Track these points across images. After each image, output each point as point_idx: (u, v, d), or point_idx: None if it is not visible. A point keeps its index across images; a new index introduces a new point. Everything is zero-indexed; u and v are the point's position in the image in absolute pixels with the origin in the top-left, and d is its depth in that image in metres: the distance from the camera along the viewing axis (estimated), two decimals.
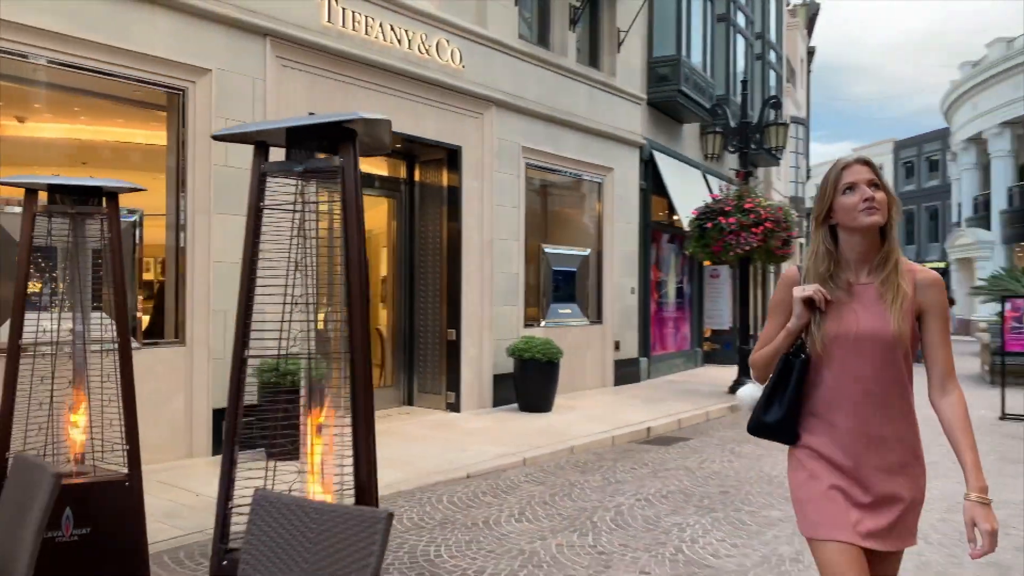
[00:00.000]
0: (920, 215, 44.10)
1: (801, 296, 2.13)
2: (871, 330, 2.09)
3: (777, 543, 4.93)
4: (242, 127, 2.82)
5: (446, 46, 9.53)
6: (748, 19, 18.18)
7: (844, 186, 2.14)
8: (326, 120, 2.63)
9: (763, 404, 2.22)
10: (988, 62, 31.91)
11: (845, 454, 2.13)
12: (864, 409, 2.11)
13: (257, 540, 2.09)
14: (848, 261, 2.17)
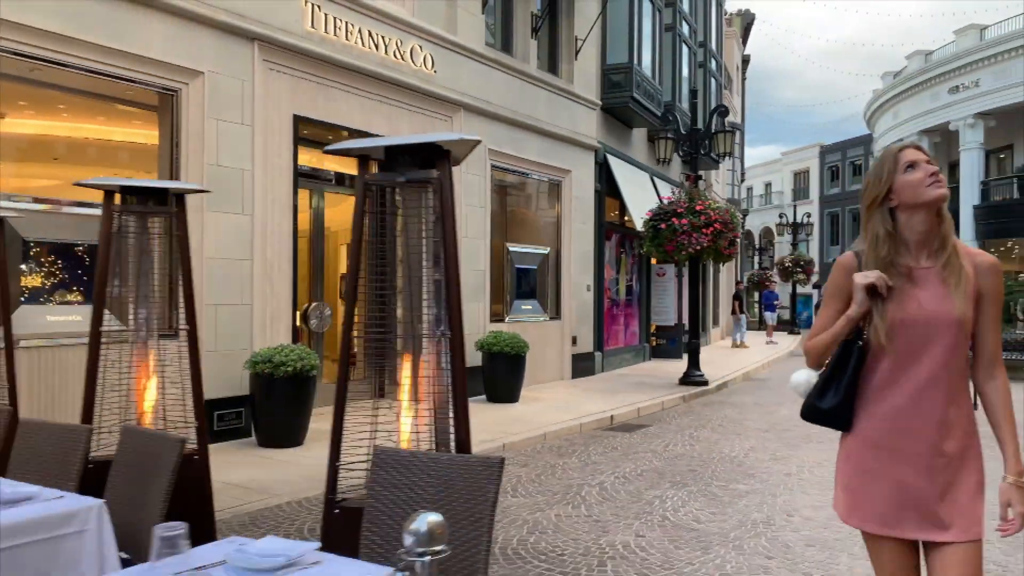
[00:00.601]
0: (844, 217, 46.27)
1: (864, 283, 2.09)
2: (936, 314, 2.05)
3: (748, 511, 5.54)
4: (350, 143, 3.23)
5: (419, 52, 9.92)
6: (692, 29, 19.05)
7: (905, 164, 2.12)
8: (424, 140, 3.06)
9: (819, 390, 2.19)
10: (907, 73, 33.86)
11: (905, 441, 2.08)
12: (929, 395, 2.05)
13: (380, 488, 2.52)
14: (907, 245, 2.13)
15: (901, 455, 2.08)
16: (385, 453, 2.58)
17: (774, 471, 6.88)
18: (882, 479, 2.10)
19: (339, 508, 3.03)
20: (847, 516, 2.18)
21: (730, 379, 13.96)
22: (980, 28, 30.40)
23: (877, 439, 2.12)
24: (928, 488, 2.06)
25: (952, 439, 2.07)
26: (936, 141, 32.69)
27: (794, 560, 4.46)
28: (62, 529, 2.45)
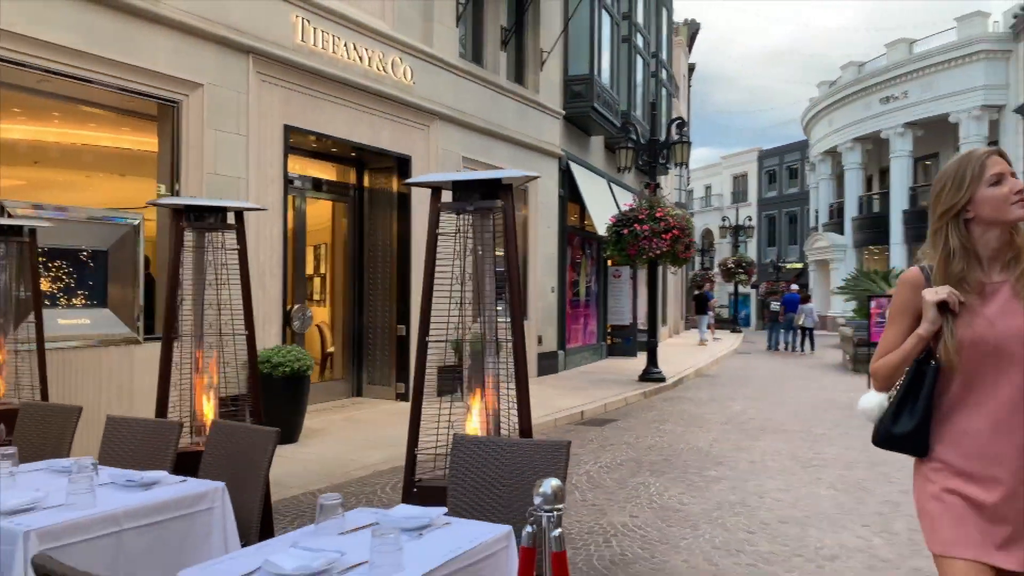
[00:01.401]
0: (781, 219, 48.07)
1: (934, 300, 1.97)
2: (1011, 330, 1.94)
3: (723, 494, 6.17)
4: (425, 177, 3.70)
5: (399, 64, 10.34)
6: (645, 40, 19.82)
7: (992, 177, 1.98)
8: (488, 176, 3.56)
9: (892, 414, 2.08)
10: (842, 83, 35.52)
11: (985, 466, 1.97)
12: (1009, 419, 1.95)
13: (458, 471, 3.01)
14: (980, 259, 2.02)
15: (981, 480, 1.97)
16: (464, 439, 3.08)
17: (739, 459, 7.55)
18: (964, 505, 1.98)
19: (417, 488, 3.51)
20: (931, 544, 2.03)
21: (685, 375, 14.73)
22: (910, 42, 32.14)
23: (955, 464, 2.01)
24: (1015, 515, 1.94)
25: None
26: (868, 148, 34.42)
27: (772, 534, 5.10)
28: (196, 507, 2.87)
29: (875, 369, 2.16)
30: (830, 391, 13.27)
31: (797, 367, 18.35)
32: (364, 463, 7.07)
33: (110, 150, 7.86)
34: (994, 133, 28.50)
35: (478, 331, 3.94)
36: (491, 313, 3.89)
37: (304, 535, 2.30)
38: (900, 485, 6.39)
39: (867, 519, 5.46)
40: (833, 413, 10.67)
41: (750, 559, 4.60)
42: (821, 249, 37.47)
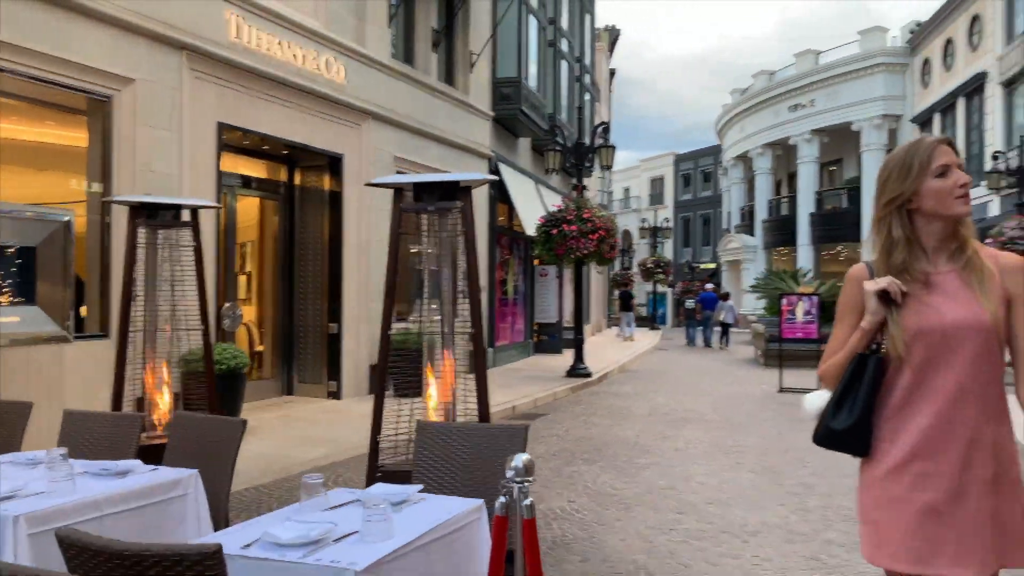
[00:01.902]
0: (696, 221, 49.70)
1: (874, 289, 1.91)
2: (961, 320, 1.86)
3: (653, 480, 6.55)
4: (388, 178, 3.86)
5: (333, 63, 10.39)
6: (570, 44, 20.30)
7: (938, 168, 1.92)
8: (449, 179, 3.75)
9: (832, 409, 1.98)
10: (753, 91, 37.07)
11: (933, 464, 1.86)
12: (957, 411, 1.85)
13: (423, 455, 3.22)
14: (924, 249, 1.97)
15: (929, 480, 1.86)
16: (428, 425, 3.29)
17: (665, 448, 7.98)
18: (910, 508, 1.86)
19: (381, 473, 3.69)
20: (873, 555, 1.91)
21: (609, 371, 15.22)
22: (816, 53, 33.82)
23: (901, 463, 1.89)
24: (963, 517, 1.83)
25: (988, 459, 1.85)
26: (778, 154, 36.02)
27: (699, 514, 5.48)
28: (171, 493, 2.99)
29: (823, 371, 2.07)
30: (744, 384, 13.98)
31: (713, 362, 19.15)
32: (304, 459, 7.15)
33: (33, 144, 7.67)
34: (893, 141, 30.29)
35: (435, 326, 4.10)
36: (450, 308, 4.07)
37: (293, 512, 2.47)
38: (812, 468, 6.91)
39: (783, 499, 5.92)
40: (748, 404, 11.29)
41: (681, 536, 4.96)
42: (733, 250, 38.98)
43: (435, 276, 4.22)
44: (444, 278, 4.19)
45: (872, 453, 1.96)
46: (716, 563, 4.45)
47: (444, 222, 4.01)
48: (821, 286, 19.22)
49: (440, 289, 4.23)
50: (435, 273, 4.23)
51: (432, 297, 4.24)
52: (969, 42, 24.86)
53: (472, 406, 4.21)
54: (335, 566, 1.97)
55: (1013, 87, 22.15)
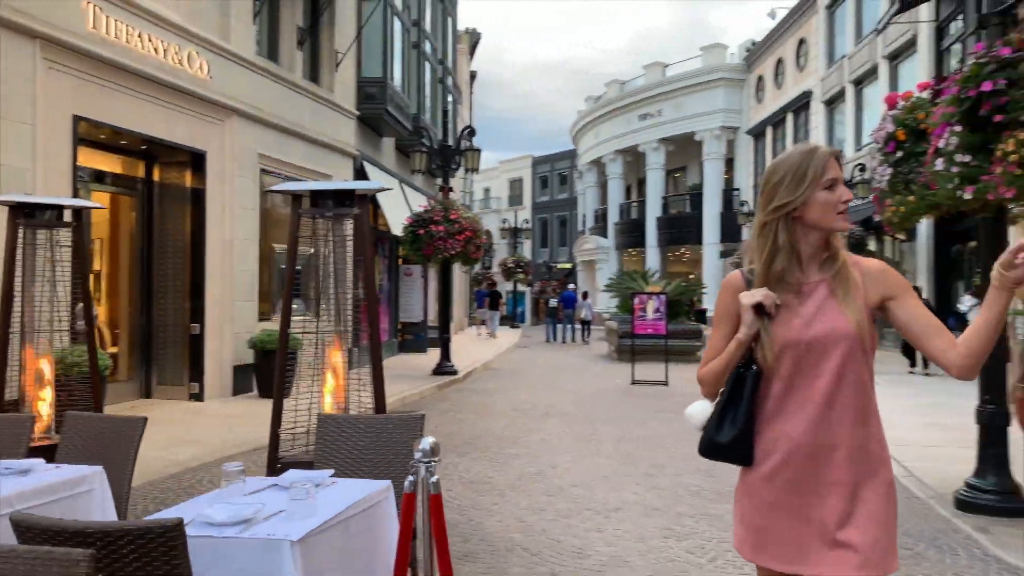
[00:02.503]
0: (553, 222, 51.29)
1: (750, 303, 1.94)
2: (827, 331, 1.92)
3: (523, 468, 7.01)
4: (286, 185, 4.00)
5: (196, 57, 10.16)
6: (433, 47, 20.58)
7: (828, 180, 1.95)
8: (345, 187, 3.96)
9: (715, 423, 2.02)
10: (606, 99, 38.80)
11: (805, 469, 1.94)
12: (827, 417, 1.93)
13: (325, 445, 3.46)
14: (799, 258, 2.01)
15: (802, 485, 1.94)
16: (328, 418, 3.53)
17: (531, 439, 8.47)
18: (784, 513, 1.95)
19: (281, 464, 3.86)
20: (752, 555, 2.00)
21: (473, 369, 15.66)
22: (663, 66, 35.87)
23: (774, 469, 1.96)
24: (831, 520, 1.91)
25: (855, 465, 1.93)
26: (628, 160, 37.90)
27: (566, 496, 5.98)
28: (78, 489, 3.07)
29: (700, 376, 2.11)
30: (600, 379, 14.84)
31: (572, 358, 20.05)
32: (174, 460, 7.07)
33: None
34: (731, 151, 32.73)
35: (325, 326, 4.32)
36: (344, 308, 4.30)
37: (214, 497, 2.66)
38: (663, 452, 7.61)
39: (639, 479, 6.53)
40: (605, 397, 12.06)
41: (551, 516, 5.42)
42: (588, 251, 40.63)
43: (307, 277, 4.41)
44: (339, 280, 4.38)
45: (752, 461, 2.01)
46: (583, 537, 4.93)
47: (340, 227, 4.22)
48: (668, 285, 20.56)
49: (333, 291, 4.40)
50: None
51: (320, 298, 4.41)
52: (797, 63, 27.32)
53: (364, 399, 4.45)
54: (272, 538, 2.21)
55: (833, 105, 24.60)
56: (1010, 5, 5.32)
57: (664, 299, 14.57)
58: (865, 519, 1.90)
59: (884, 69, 20.39)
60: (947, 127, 4.82)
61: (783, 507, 1.96)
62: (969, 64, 4.79)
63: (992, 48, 4.78)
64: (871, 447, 1.95)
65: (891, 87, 19.59)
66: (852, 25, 22.88)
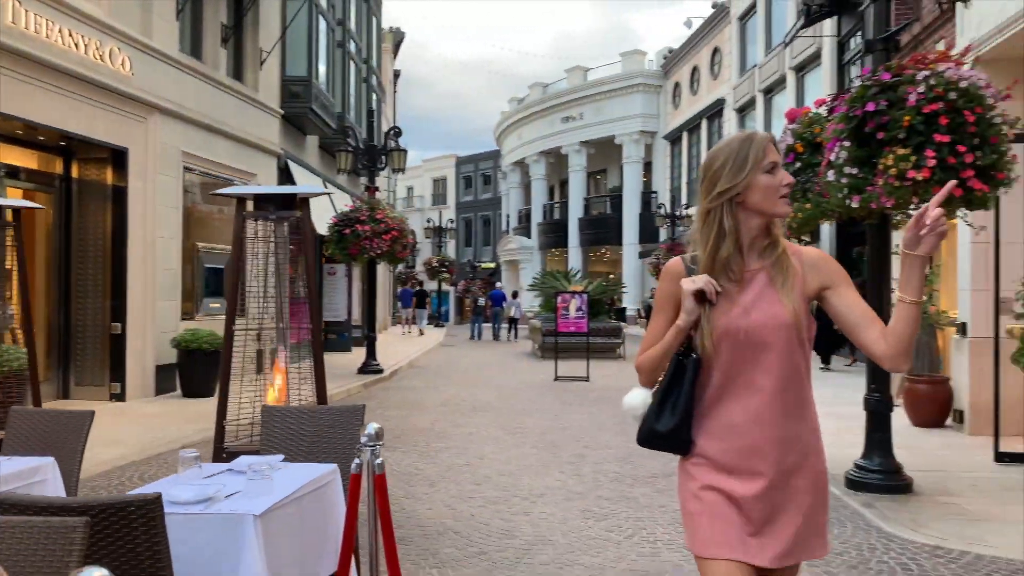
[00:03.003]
0: (477, 222, 51.61)
1: (691, 289, 1.92)
2: (766, 318, 1.92)
3: (451, 460, 7.28)
4: (232, 189, 4.14)
5: (118, 53, 10.02)
6: (358, 46, 20.58)
7: (768, 164, 1.94)
8: (288, 191, 4.14)
9: (655, 411, 2.01)
10: (529, 101, 39.36)
11: (744, 460, 1.94)
12: (766, 408, 1.92)
13: (270, 435, 3.67)
14: (741, 245, 1.98)
15: (740, 476, 1.94)
16: (272, 409, 3.73)
17: (458, 433, 8.75)
18: (721, 501, 1.95)
19: (227, 454, 4.03)
20: (691, 544, 1.99)
21: (399, 367, 15.82)
22: (585, 70, 36.66)
23: (714, 460, 1.97)
24: (768, 510, 1.93)
25: (792, 455, 1.94)
26: (551, 161, 38.56)
27: (494, 484, 6.29)
28: (32, 479, 3.20)
29: (639, 364, 2.09)
30: (524, 374, 15.24)
31: (497, 356, 20.40)
32: (100, 460, 7.04)
33: None
34: (649, 155, 33.73)
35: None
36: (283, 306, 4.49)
37: (172, 482, 2.85)
38: (584, 442, 8.02)
39: (562, 468, 6.91)
40: (529, 392, 12.44)
41: (480, 502, 5.72)
42: (512, 251, 41.13)
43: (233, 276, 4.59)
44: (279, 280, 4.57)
45: (691, 450, 2.01)
46: (510, 520, 5.26)
47: (280, 229, 4.42)
48: (589, 285, 21.15)
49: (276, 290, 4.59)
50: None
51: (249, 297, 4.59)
52: (711, 71, 28.41)
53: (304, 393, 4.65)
54: (236, 513, 2.44)
55: (744, 113, 25.72)
56: (892, 32, 5.92)
57: (586, 298, 15.07)
58: (796, 509, 1.93)
59: (791, 80, 21.50)
60: (837, 142, 5.35)
61: (719, 495, 1.95)
62: (856, 86, 5.33)
63: (876, 72, 5.34)
64: (806, 437, 1.96)
65: (798, 97, 20.70)
66: (763, 36, 23.98)
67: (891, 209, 5.27)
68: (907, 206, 5.23)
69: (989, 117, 5.00)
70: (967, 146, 4.93)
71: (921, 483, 6.01)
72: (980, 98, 4.97)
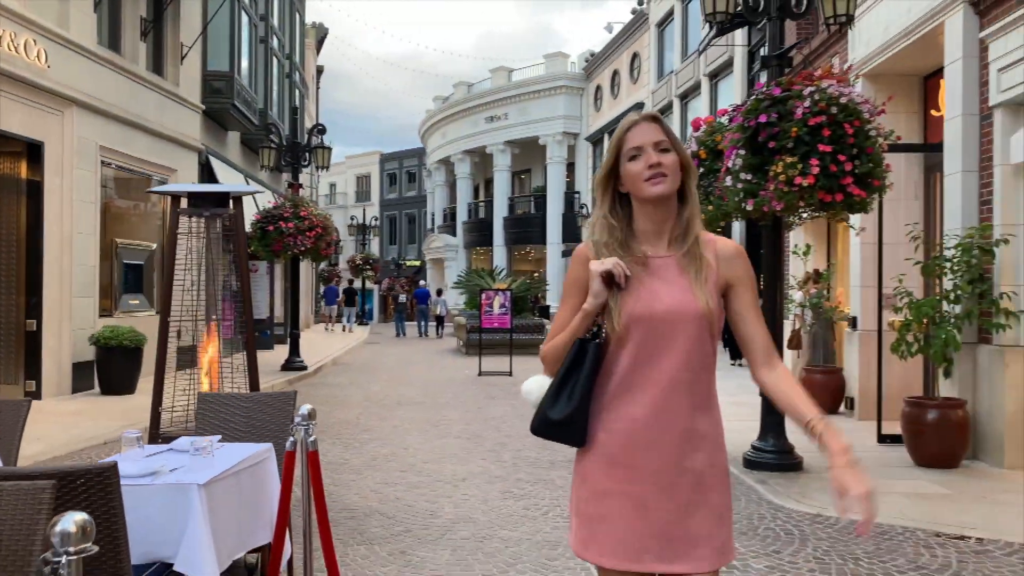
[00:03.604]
0: (401, 220, 51.50)
1: (600, 271, 1.85)
2: (675, 308, 1.84)
3: (376, 450, 7.53)
4: (168, 187, 4.29)
5: (33, 45, 9.84)
6: (280, 42, 20.44)
7: (630, 151, 1.89)
8: (223, 189, 4.32)
9: (551, 397, 1.90)
10: (454, 100, 39.57)
11: (645, 456, 1.84)
12: (671, 401, 1.84)
13: (205, 420, 3.87)
14: (645, 232, 1.92)
15: (641, 473, 1.84)
16: (208, 396, 3.94)
17: (383, 426, 8.99)
18: (620, 502, 1.84)
19: (162, 439, 4.19)
20: (582, 549, 1.88)
21: (323, 364, 15.87)
22: (509, 71, 37.10)
23: (614, 454, 1.86)
24: (671, 511, 1.82)
25: (699, 452, 1.85)
26: (476, 161, 38.88)
27: (418, 471, 6.59)
28: None
29: (544, 352, 1.99)
30: (449, 370, 15.53)
31: (422, 352, 20.61)
32: (24, 455, 6.95)
33: None
34: (572, 156, 34.44)
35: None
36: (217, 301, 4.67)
37: (121, 458, 3.05)
38: (505, 432, 8.38)
39: (484, 455, 7.25)
40: (453, 387, 12.74)
41: (404, 487, 6.00)
42: (437, 249, 41.26)
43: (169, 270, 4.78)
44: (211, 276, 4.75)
45: (588, 443, 1.89)
46: (434, 502, 5.56)
47: (213, 225, 4.61)
48: (513, 283, 21.59)
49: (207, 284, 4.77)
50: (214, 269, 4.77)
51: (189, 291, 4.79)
52: (631, 75, 29.25)
53: (236, 381, 4.84)
54: (182, 483, 2.67)
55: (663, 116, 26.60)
56: (785, 50, 6.48)
57: (509, 295, 15.46)
58: (704, 512, 1.84)
59: (706, 86, 22.43)
60: (734, 150, 5.85)
61: (621, 497, 1.84)
62: (751, 98, 5.85)
63: (768, 87, 5.86)
64: (711, 434, 1.88)
65: (711, 102, 21.63)
66: (679, 44, 24.90)
67: (781, 212, 5.81)
68: (795, 210, 5.78)
69: (866, 130, 5.58)
70: (847, 155, 5.50)
71: (811, 462, 6.59)
72: (858, 112, 5.54)
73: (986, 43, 6.78)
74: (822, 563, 4.26)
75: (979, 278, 6.66)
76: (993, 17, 6.74)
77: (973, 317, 6.66)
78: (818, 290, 10.12)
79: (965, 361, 6.89)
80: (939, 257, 6.78)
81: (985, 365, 6.75)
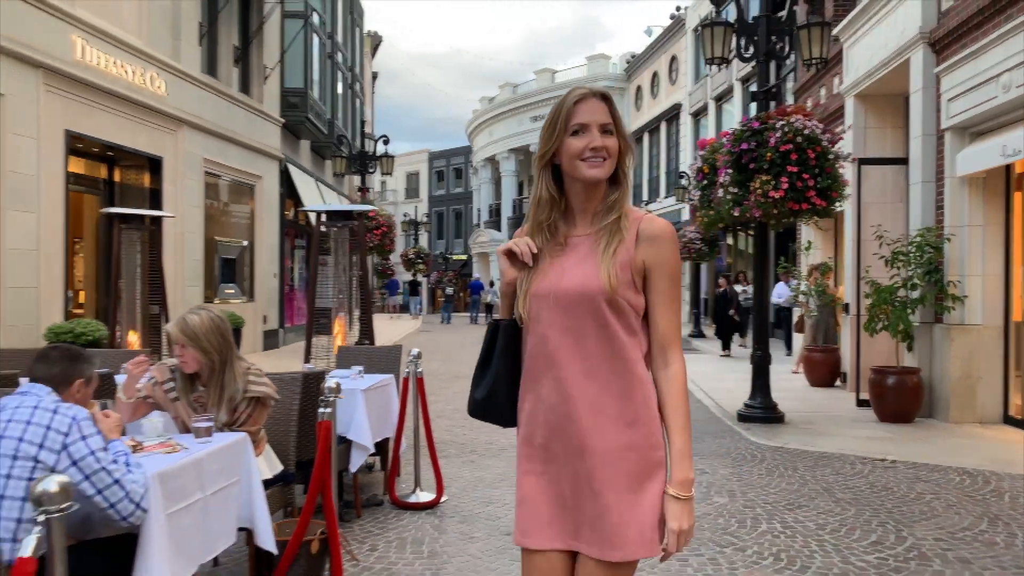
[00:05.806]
0: (449, 215, 53.53)
1: (502, 250, 1.81)
2: (577, 284, 1.75)
3: (442, 408, 9.34)
4: (314, 206, 6.15)
5: (156, 78, 11.89)
6: (344, 56, 22.45)
7: (575, 126, 1.78)
8: (348, 208, 6.15)
9: (475, 378, 1.89)
10: (499, 100, 41.34)
11: (556, 438, 1.78)
12: (579, 383, 1.75)
13: (346, 361, 5.70)
14: (572, 210, 1.85)
15: (553, 455, 1.79)
16: (345, 347, 5.77)
17: (446, 391, 10.81)
18: (536, 483, 1.82)
19: None
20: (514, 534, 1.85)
21: None
22: (553, 72, 38.72)
23: (528, 435, 1.84)
24: (585, 495, 1.76)
25: (613, 435, 1.75)
26: (521, 159, 40.59)
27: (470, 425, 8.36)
28: None
29: None
30: None
31: (471, 337, 22.46)
32: None
33: None
34: None
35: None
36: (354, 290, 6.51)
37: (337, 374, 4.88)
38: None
39: None
40: None
41: (468, 428, 7.80)
42: (482, 243, 43.15)
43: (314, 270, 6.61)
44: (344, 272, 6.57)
45: (517, 425, 1.89)
46: (490, 436, 7.34)
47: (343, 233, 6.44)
48: None
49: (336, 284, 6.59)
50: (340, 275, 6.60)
51: None
52: (669, 77, 30.65)
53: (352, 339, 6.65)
54: (352, 389, 4.49)
55: (699, 117, 28.00)
56: (771, 87, 8.09)
57: None
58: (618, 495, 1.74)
59: (738, 90, 23.79)
60: (725, 169, 7.50)
61: (535, 477, 1.83)
62: (736, 128, 7.49)
63: (751, 120, 7.50)
64: (633, 418, 1.76)
65: (744, 105, 22.99)
66: None
67: (760, 218, 7.44)
68: (771, 216, 7.40)
69: (826, 154, 7.19)
70: (810, 174, 7.11)
71: (793, 417, 8.21)
72: (818, 140, 7.14)
73: (940, 76, 8.28)
74: (769, 472, 5.93)
75: (934, 269, 8.18)
76: (945, 56, 8.24)
77: (928, 301, 8.19)
78: (820, 280, 11.64)
79: (923, 337, 8.42)
80: (899, 252, 8.31)
81: (938, 340, 8.28)
